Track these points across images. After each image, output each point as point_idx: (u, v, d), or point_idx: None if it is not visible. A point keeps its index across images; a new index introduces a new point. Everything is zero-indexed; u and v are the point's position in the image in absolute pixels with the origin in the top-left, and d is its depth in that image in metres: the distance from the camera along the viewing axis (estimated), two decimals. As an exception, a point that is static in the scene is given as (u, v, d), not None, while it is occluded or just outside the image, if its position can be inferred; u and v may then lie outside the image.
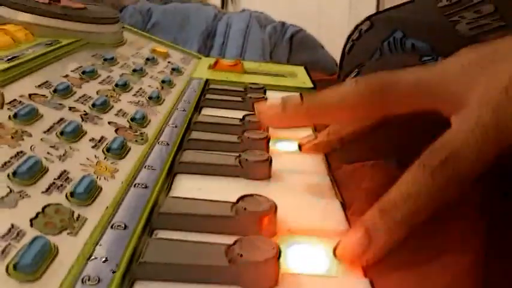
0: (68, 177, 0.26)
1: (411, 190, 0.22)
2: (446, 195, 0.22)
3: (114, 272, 0.20)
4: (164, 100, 0.42)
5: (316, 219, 0.26)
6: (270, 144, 0.35)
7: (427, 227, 0.22)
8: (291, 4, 1.70)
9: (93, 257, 0.21)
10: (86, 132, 0.31)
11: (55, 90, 0.35)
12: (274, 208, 0.24)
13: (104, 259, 0.21)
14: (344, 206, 0.28)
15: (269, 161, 0.31)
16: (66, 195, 0.24)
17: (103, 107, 0.35)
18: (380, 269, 0.22)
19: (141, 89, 0.43)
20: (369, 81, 0.27)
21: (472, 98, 0.23)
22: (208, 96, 0.46)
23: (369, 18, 0.52)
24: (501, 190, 0.26)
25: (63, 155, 0.27)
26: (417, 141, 0.24)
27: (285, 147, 0.36)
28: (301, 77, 0.57)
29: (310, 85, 0.54)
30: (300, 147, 0.35)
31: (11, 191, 0.23)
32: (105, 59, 0.45)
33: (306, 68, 0.62)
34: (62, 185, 0.25)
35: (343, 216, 0.27)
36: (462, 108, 0.23)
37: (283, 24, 0.92)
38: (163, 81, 0.46)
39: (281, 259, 0.21)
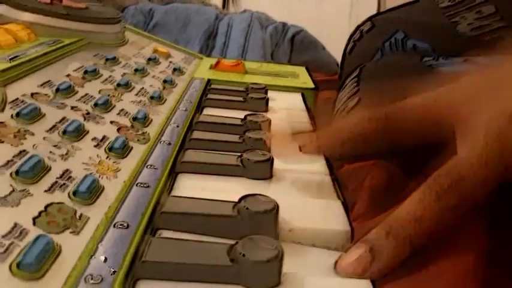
0: (70, 176, 0.26)
1: (418, 213, 0.22)
2: (451, 219, 0.22)
3: (116, 271, 0.20)
4: (166, 100, 0.42)
5: (317, 219, 0.26)
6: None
7: None
8: (292, 5, 1.70)
9: (95, 256, 0.21)
10: (88, 132, 0.31)
11: (57, 90, 0.35)
12: (276, 208, 0.24)
13: (106, 258, 0.21)
14: (345, 206, 0.28)
15: (271, 160, 0.31)
16: (68, 194, 0.24)
17: (105, 106, 0.35)
18: None
19: (142, 88, 0.43)
20: (376, 112, 0.27)
21: (478, 125, 0.23)
22: (209, 96, 0.46)
23: (370, 18, 0.52)
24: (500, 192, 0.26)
25: (66, 154, 0.28)
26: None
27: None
28: (302, 77, 0.57)
29: (312, 85, 0.54)
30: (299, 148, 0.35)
31: (13, 189, 0.23)
32: (107, 59, 0.45)
33: (307, 69, 0.62)
34: (64, 184, 0.25)
35: (345, 216, 0.27)
36: (468, 134, 0.23)
37: (284, 24, 0.92)
38: (165, 81, 0.46)
39: (283, 259, 0.21)
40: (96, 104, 0.35)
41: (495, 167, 0.22)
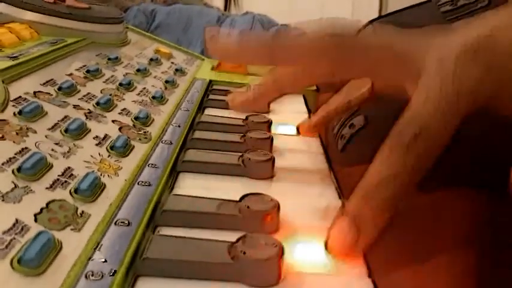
0: (72, 174, 0.26)
1: (390, 172, 0.22)
2: (423, 167, 0.22)
3: (117, 268, 0.20)
4: (167, 100, 0.42)
5: (318, 217, 0.26)
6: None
7: (428, 224, 0.22)
8: (293, 7, 1.70)
9: (96, 253, 0.21)
10: (89, 130, 0.31)
11: (60, 88, 0.35)
12: (276, 206, 0.24)
13: (107, 255, 0.21)
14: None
15: (272, 160, 0.31)
16: (70, 192, 0.24)
17: (107, 105, 0.35)
18: (382, 267, 0.22)
19: (144, 88, 0.43)
20: (335, 36, 0.27)
21: (430, 68, 0.23)
22: (211, 96, 0.46)
23: (371, 22, 0.52)
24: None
25: (68, 152, 0.28)
26: None
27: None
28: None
29: (313, 87, 0.54)
30: (297, 130, 0.38)
31: (15, 186, 0.23)
32: (109, 59, 0.46)
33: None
34: (66, 182, 0.25)
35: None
36: (421, 76, 0.23)
37: (286, 26, 0.92)
38: (166, 82, 0.47)
39: (284, 257, 0.21)
40: (98, 103, 0.35)
41: (454, 110, 0.21)
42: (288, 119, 0.44)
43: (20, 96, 0.31)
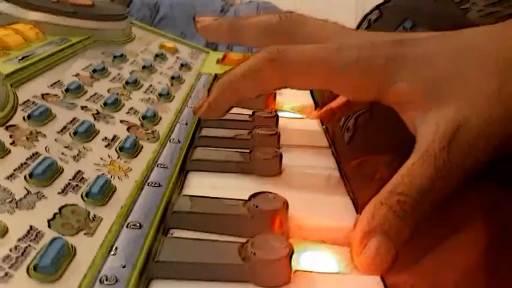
0: (82, 178, 0.26)
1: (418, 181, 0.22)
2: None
3: (130, 272, 0.20)
4: (174, 97, 0.42)
5: (327, 215, 0.27)
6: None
7: (437, 221, 0.22)
8: (298, -7, 1.68)
9: (109, 257, 0.21)
10: (98, 132, 0.31)
11: (67, 90, 0.35)
12: (285, 206, 0.25)
13: (120, 259, 0.21)
14: (355, 202, 0.28)
15: (279, 157, 0.31)
16: (81, 196, 0.24)
17: (114, 105, 0.36)
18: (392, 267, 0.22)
19: (151, 85, 0.43)
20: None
21: (426, 129, 0.23)
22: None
23: (377, 7, 0.51)
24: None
25: (77, 155, 0.28)
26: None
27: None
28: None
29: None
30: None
31: (28, 192, 0.23)
32: (114, 56, 0.46)
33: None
34: (77, 186, 0.25)
35: (354, 212, 0.27)
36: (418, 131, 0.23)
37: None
38: (172, 78, 0.47)
39: (293, 257, 0.21)
40: (105, 104, 0.35)
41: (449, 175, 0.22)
42: (295, 110, 0.44)
43: (28, 100, 0.31)
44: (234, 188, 0.29)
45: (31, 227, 0.21)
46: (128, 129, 0.34)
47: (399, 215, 0.21)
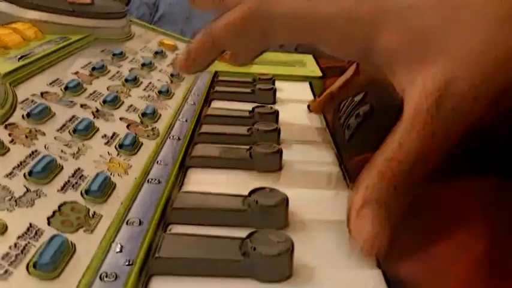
0: (82, 175, 0.26)
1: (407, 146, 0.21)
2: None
3: (130, 268, 0.20)
4: (174, 94, 0.42)
5: (328, 210, 0.26)
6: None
7: (438, 212, 0.22)
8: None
9: (109, 254, 0.21)
10: (98, 129, 0.31)
11: (66, 88, 0.35)
12: (285, 201, 0.24)
13: (120, 255, 0.21)
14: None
15: (280, 152, 0.31)
16: (81, 193, 0.24)
17: (114, 103, 0.36)
18: (392, 257, 0.22)
19: (150, 83, 0.43)
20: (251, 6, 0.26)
21: (409, 97, 0.22)
22: (217, 88, 0.46)
23: None
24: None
25: (77, 152, 0.28)
26: None
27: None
28: (309, 66, 0.57)
29: (319, 74, 0.54)
30: (308, 107, 0.40)
31: (27, 190, 0.23)
32: (114, 54, 0.46)
33: (314, 56, 0.61)
34: (76, 183, 0.25)
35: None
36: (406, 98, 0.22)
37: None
38: (172, 75, 0.47)
39: (294, 252, 0.21)
40: (105, 101, 0.35)
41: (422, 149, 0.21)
42: (294, 105, 0.44)
43: (27, 98, 0.31)
44: (234, 184, 0.29)
45: (30, 224, 0.21)
46: (128, 126, 0.34)
47: (393, 183, 0.21)
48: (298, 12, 0.25)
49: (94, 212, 0.23)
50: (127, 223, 0.23)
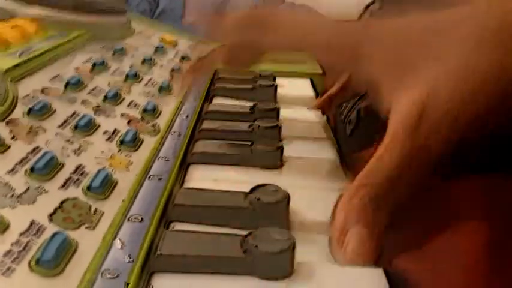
0: (83, 172, 0.26)
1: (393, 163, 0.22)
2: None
3: (132, 265, 0.20)
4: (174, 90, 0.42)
5: (329, 208, 0.26)
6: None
7: (438, 211, 0.22)
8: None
9: (111, 251, 0.21)
10: (99, 125, 0.31)
11: (67, 84, 0.35)
12: (287, 198, 0.24)
13: (122, 252, 0.21)
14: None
15: (280, 149, 0.31)
16: (82, 190, 0.24)
17: (115, 99, 0.36)
18: (393, 256, 0.22)
19: (151, 79, 0.43)
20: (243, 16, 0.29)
21: (395, 108, 0.22)
22: (218, 85, 0.46)
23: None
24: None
25: (78, 149, 0.28)
26: None
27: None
28: (310, 63, 0.57)
29: (320, 70, 0.54)
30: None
31: (29, 187, 0.23)
32: (114, 50, 0.46)
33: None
34: (78, 180, 0.25)
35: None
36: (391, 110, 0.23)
37: (292, 4, 0.91)
38: (173, 70, 0.46)
39: (295, 249, 0.21)
40: (106, 97, 0.35)
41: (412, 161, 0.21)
42: (295, 102, 0.44)
43: (28, 94, 0.31)
44: (236, 180, 0.29)
45: (32, 221, 0.21)
46: (129, 122, 0.33)
47: (371, 204, 0.22)
48: (293, 24, 0.28)
49: (96, 209, 0.23)
50: (128, 220, 0.23)
